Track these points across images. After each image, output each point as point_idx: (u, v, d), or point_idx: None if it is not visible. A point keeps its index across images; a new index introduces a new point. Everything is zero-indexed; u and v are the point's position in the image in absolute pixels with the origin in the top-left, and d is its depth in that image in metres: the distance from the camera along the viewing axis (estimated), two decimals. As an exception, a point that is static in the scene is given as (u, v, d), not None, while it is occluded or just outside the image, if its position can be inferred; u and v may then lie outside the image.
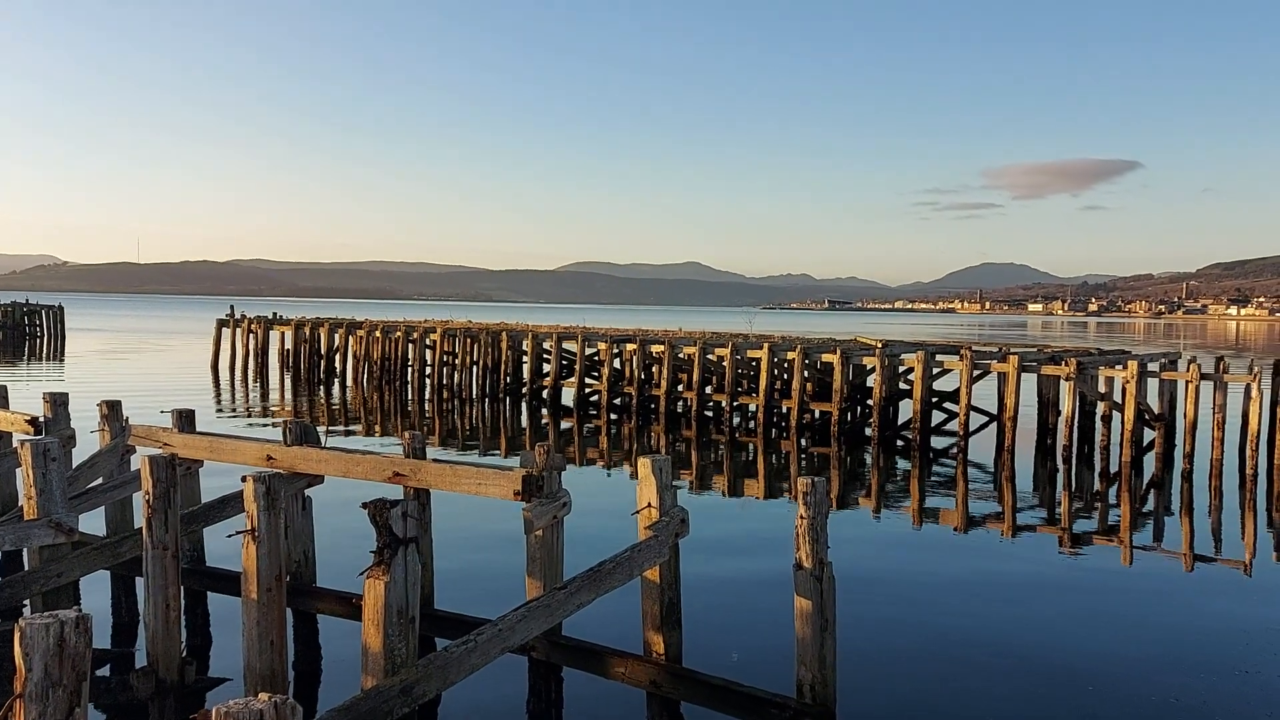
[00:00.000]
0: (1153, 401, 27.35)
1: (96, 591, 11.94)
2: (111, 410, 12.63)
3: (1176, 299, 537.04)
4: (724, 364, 33.33)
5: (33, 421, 12.77)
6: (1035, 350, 32.88)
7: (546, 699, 9.29)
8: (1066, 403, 27.15)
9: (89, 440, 12.89)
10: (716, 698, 8.52)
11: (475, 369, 41.93)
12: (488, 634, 7.29)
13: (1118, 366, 27.61)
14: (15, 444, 12.74)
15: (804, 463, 27.02)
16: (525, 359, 40.53)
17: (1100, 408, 27.77)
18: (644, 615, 8.97)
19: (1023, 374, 27.89)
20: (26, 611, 10.70)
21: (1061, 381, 28.12)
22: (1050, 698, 10.37)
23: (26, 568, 10.79)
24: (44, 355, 66.41)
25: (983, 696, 10.41)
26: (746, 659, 11.10)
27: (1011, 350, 31.07)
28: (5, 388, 14.41)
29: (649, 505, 8.80)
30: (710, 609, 12.55)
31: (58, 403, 12.96)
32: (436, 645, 9.91)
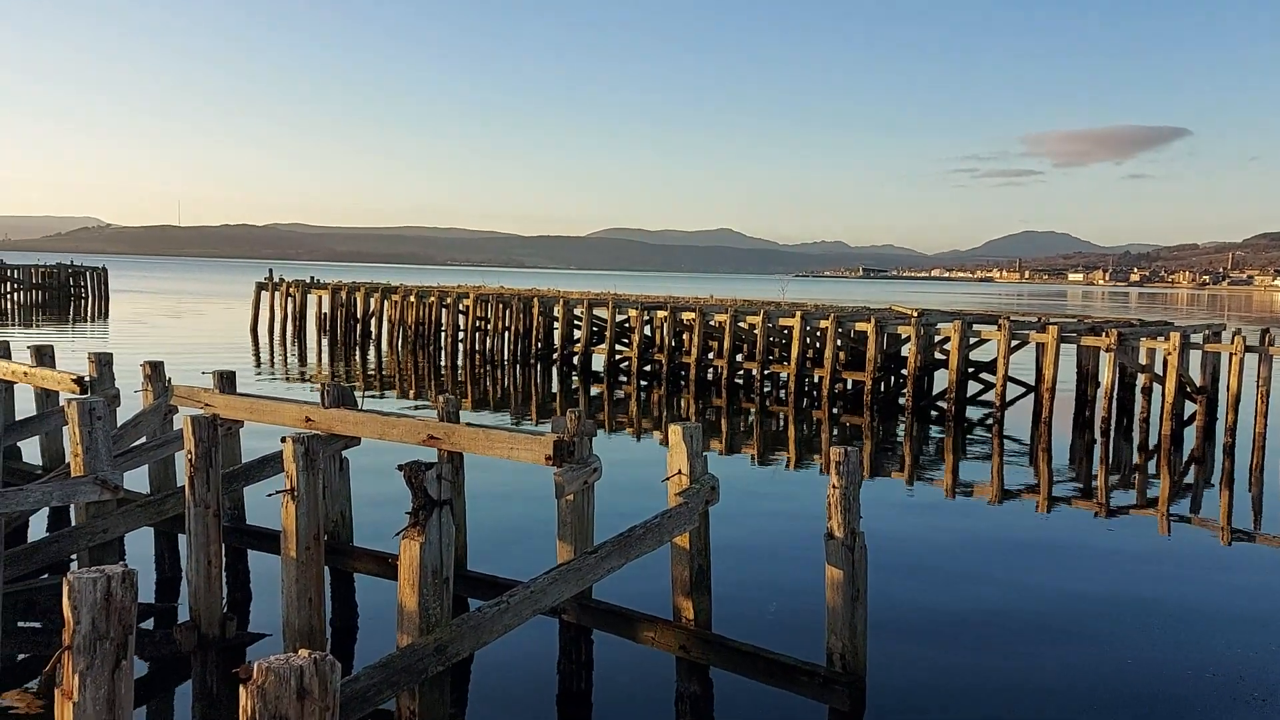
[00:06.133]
0: (1195, 374, 26.90)
1: (140, 547, 12.23)
2: (154, 371, 12.86)
3: (1222, 270, 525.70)
4: (755, 332, 33.21)
5: (79, 381, 13.04)
6: (1075, 320, 32.41)
7: (577, 661, 9.42)
8: (1106, 374, 26.79)
9: (133, 400, 13.16)
10: (746, 664, 8.59)
11: (507, 334, 42.12)
12: (519, 596, 7.39)
13: (1160, 338, 27.17)
14: (62, 403, 13.02)
15: (836, 432, 26.95)
16: (556, 325, 40.64)
17: (1141, 380, 27.38)
18: (674, 581, 9.04)
19: (1062, 345, 27.52)
20: (74, 566, 11.01)
21: (1101, 353, 27.73)
22: (1083, 670, 10.35)
23: (73, 524, 11.07)
24: (88, 316, 67.62)
25: (1014, 668, 10.40)
26: (776, 626, 11.18)
27: (1051, 320, 30.67)
28: (52, 348, 14.72)
29: (679, 472, 8.85)
30: (740, 576, 12.62)
31: (103, 363, 13.23)
32: (469, 606, 10.06)
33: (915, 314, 32.15)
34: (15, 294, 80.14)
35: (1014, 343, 28.47)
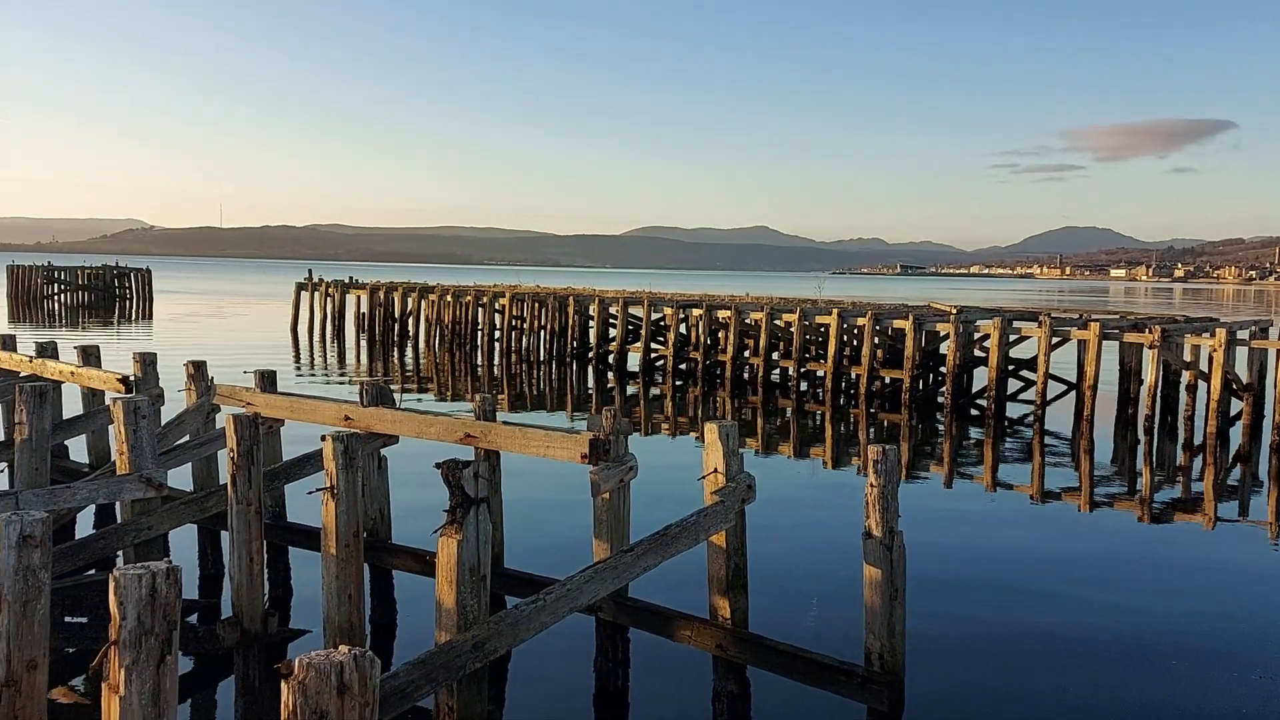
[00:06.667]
0: (1241, 371, 26.35)
1: (184, 544, 12.43)
2: (198, 370, 13.06)
3: (1268, 264, 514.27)
4: (792, 330, 33.04)
5: (124, 380, 13.29)
6: (1117, 317, 31.90)
7: (614, 659, 9.43)
8: (1150, 372, 26.34)
9: (177, 399, 13.37)
10: (784, 663, 8.55)
11: (543, 333, 42.28)
12: (556, 593, 7.41)
13: (1205, 334, 26.64)
14: (108, 402, 13.27)
15: (873, 430, 26.74)
16: (592, 324, 40.72)
17: (1185, 377, 26.87)
18: (710, 579, 9.02)
19: (1104, 341, 27.10)
20: (120, 563, 11.21)
21: (1144, 350, 27.26)
22: (1125, 675, 10.18)
23: (119, 521, 11.28)
24: (133, 316, 68.87)
25: (1054, 670, 10.26)
26: (813, 626, 11.11)
27: (1093, 317, 30.19)
28: (98, 348, 15.00)
29: (715, 470, 8.82)
30: (777, 575, 12.56)
31: (147, 362, 13.46)
32: (506, 603, 10.12)
33: (954, 311, 31.82)
34: (63, 295, 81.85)
35: (1055, 340, 28.07)
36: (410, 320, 49.29)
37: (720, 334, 35.71)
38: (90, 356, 14.67)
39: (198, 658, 9.70)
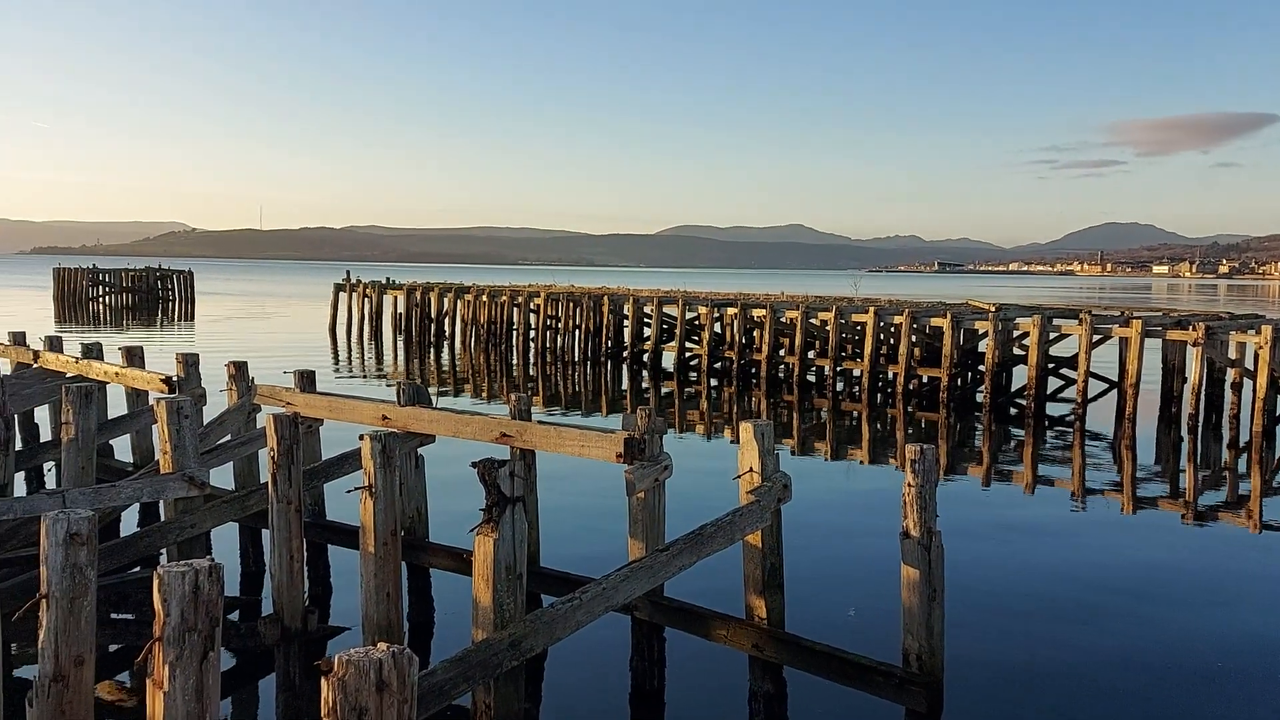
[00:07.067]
0: (1289, 369, 25.78)
1: (226, 542, 12.61)
2: (239, 370, 13.25)
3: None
4: (828, 328, 32.85)
5: (167, 381, 13.52)
6: (1160, 314, 31.34)
7: (650, 658, 9.43)
8: (1193, 370, 25.87)
9: (218, 399, 13.57)
10: (821, 664, 8.50)
11: (577, 333, 42.37)
12: (592, 592, 7.42)
13: (1250, 331, 26.11)
14: (151, 402, 13.50)
15: (911, 429, 26.51)
16: (626, 323, 40.75)
17: (1230, 375, 26.35)
18: (746, 579, 8.99)
19: (1146, 339, 26.65)
20: (163, 560, 11.40)
21: (1188, 347, 26.79)
22: (1168, 678, 10.01)
23: (162, 519, 11.46)
24: (176, 318, 69.99)
25: (1094, 673, 10.11)
26: (850, 626, 11.04)
27: (1135, 314, 29.70)
28: (141, 349, 15.26)
29: (750, 470, 8.79)
30: (813, 575, 12.49)
31: (189, 363, 13.67)
32: (542, 602, 10.16)
33: (993, 309, 31.45)
34: (107, 297, 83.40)
35: (1096, 338, 27.65)
36: (446, 320, 49.63)
37: (755, 333, 35.58)
38: (134, 357, 14.93)
39: (239, 654, 9.84)
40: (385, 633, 8.70)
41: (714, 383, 34.76)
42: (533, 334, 44.74)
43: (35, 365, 16.42)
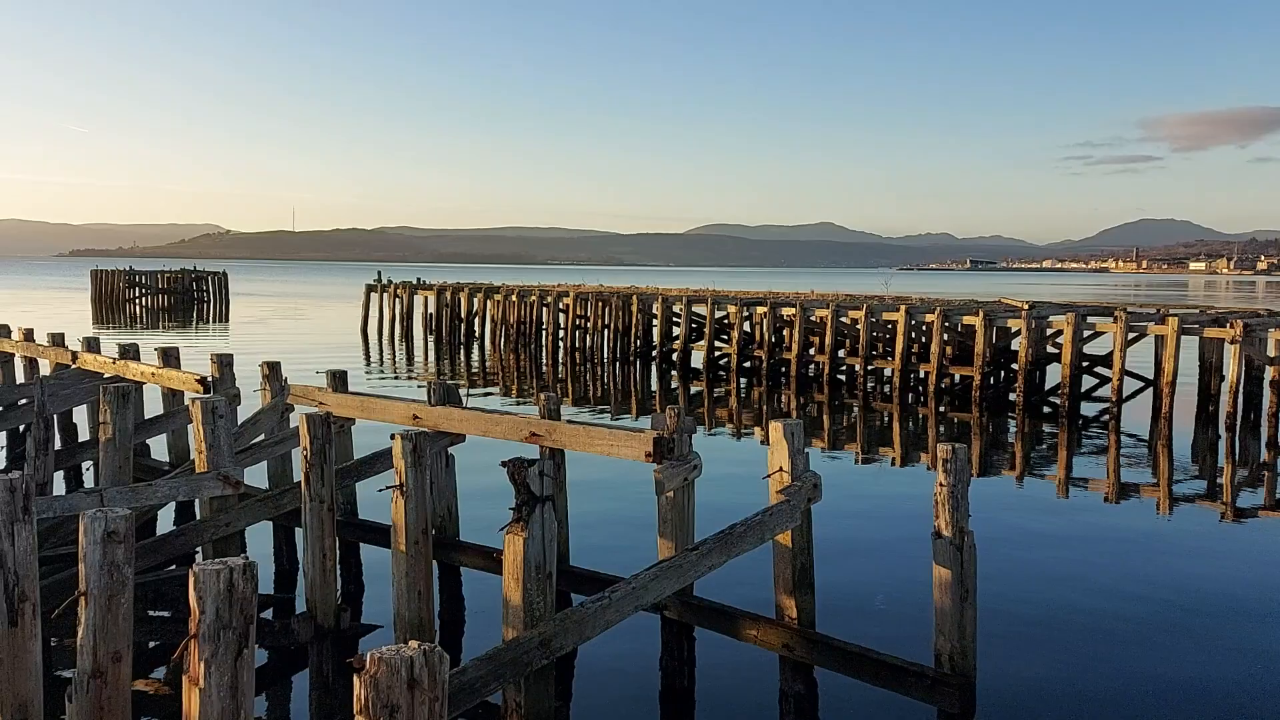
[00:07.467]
0: (1331, 367, 25.28)
1: (260, 540, 12.75)
2: (272, 371, 13.39)
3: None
4: (858, 327, 32.65)
5: (202, 381, 13.70)
6: (1197, 311, 30.86)
7: (680, 657, 9.42)
8: (1231, 367, 25.43)
9: (252, 399, 13.73)
10: (852, 664, 8.45)
11: (606, 332, 42.43)
12: (621, 591, 7.43)
13: (1291, 329, 25.64)
14: (187, 402, 13.68)
15: (943, 429, 26.29)
16: (655, 322, 40.75)
17: (1269, 372, 25.86)
18: (776, 579, 8.96)
19: (1183, 337, 26.24)
20: (199, 558, 11.55)
21: (1226, 345, 26.34)
22: (1204, 680, 9.85)
23: (198, 517, 11.61)
24: (210, 319, 70.90)
25: (1128, 675, 9.97)
26: (881, 626, 10.96)
27: (1171, 311, 29.26)
28: (177, 349, 15.47)
29: (780, 469, 8.75)
30: (844, 575, 12.43)
31: (224, 363, 13.85)
32: (572, 600, 10.18)
33: (1026, 306, 31.11)
34: (144, 298, 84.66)
35: (1131, 335, 27.27)
36: (476, 320, 49.89)
37: (785, 331, 35.44)
38: (170, 358, 15.14)
39: (273, 651, 9.94)
40: (416, 630, 8.76)
41: (743, 382, 34.67)
42: (562, 334, 44.87)
43: (74, 366, 16.69)
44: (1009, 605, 11.58)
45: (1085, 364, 29.16)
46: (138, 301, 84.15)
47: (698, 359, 37.71)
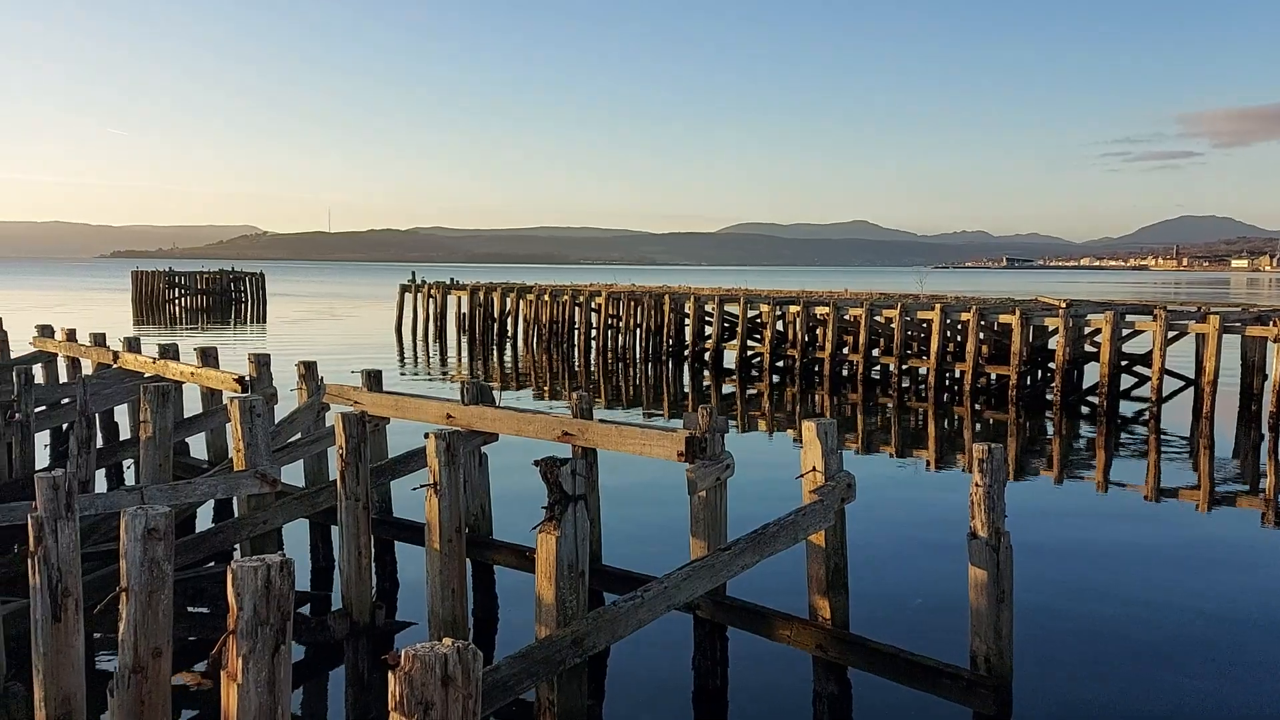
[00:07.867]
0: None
1: (297, 538, 12.90)
2: (308, 370, 13.54)
3: None
4: (892, 326, 32.40)
5: (240, 380, 13.88)
6: (1239, 309, 30.30)
7: (712, 657, 9.41)
8: (1275, 366, 24.95)
9: (289, 398, 13.88)
10: (887, 665, 8.39)
11: (639, 332, 42.43)
12: (654, 591, 7.43)
13: (1337, 327, 25.10)
14: (225, 401, 13.88)
15: (979, 428, 26.02)
16: (687, 322, 40.69)
17: (1315, 372, 25.37)
18: (809, 579, 8.91)
19: (1224, 335, 25.77)
20: (236, 555, 11.70)
21: (1269, 343, 25.85)
22: (1243, 684, 9.66)
23: (236, 515, 11.77)
24: (248, 319, 71.84)
25: (1167, 677, 9.81)
26: (916, 627, 10.87)
27: (1212, 310, 28.75)
28: (215, 349, 15.69)
29: (814, 469, 8.71)
30: (878, 576, 12.34)
31: (261, 363, 14.02)
32: (605, 599, 10.19)
33: (1063, 305, 30.70)
34: (183, 299, 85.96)
35: (1171, 334, 26.83)
36: (509, 320, 50.12)
37: (818, 331, 35.25)
38: (209, 358, 15.36)
39: (310, 647, 10.05)
40: (451, 628, 8.82)
41: (776, 381, 34.53)
42: (594, 333, 44.94)
43: (115, 365, 16.99)
44: (1045, 607, 11.44)
45: (1124, 363, 28.74)
46: (177, 302, 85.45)
47: (730, 358, 37.62)
